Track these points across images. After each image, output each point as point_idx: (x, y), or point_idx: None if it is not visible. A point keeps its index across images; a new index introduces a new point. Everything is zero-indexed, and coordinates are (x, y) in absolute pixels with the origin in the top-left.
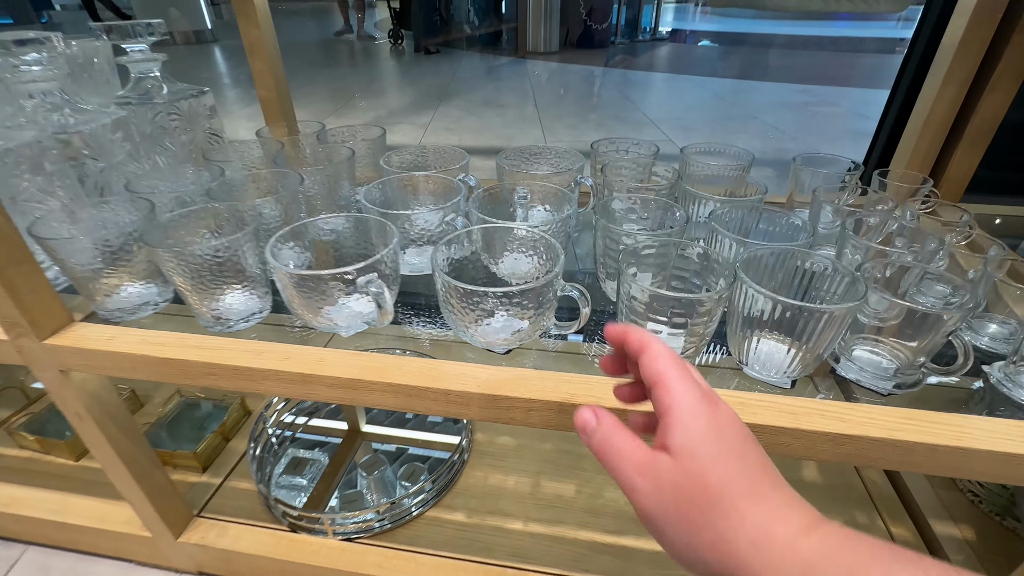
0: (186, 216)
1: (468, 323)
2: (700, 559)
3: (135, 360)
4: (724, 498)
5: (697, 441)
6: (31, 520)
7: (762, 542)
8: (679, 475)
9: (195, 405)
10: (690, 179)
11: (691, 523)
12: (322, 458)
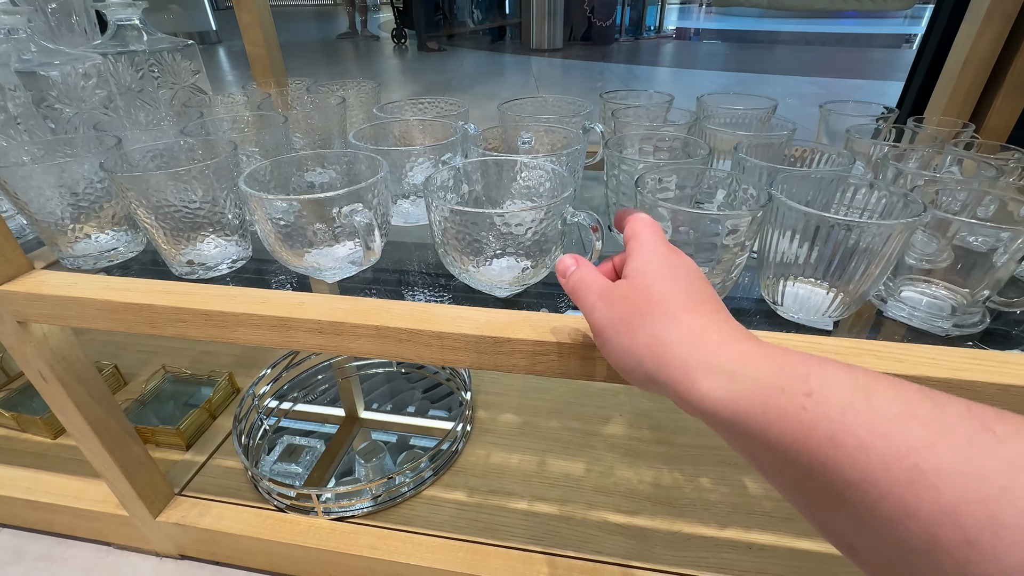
0: (154, 151)
1: (468, 261)
2: (637, 360)
3: (98, 307)
4: (663, 306)
5: (649, 265)
6: (3, 499)
7: (694, 341)
8: (628, 290)
9: (181, 382)
10: (709, 122)
11: (631, 327)
12: (318, 445)
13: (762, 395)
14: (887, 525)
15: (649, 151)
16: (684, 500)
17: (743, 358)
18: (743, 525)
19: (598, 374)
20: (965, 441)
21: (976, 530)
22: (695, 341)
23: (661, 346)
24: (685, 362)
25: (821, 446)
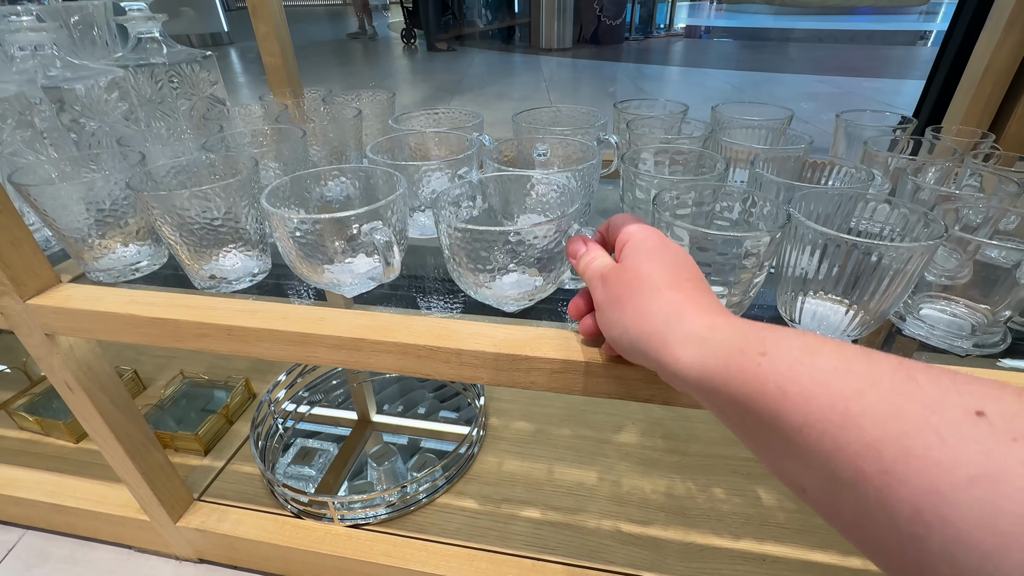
0: (178, 167)
1: (478, 277)
2: (624, 330)
3: (123, 321)
4: (649, 282)
5: (639, 249)
6: (29, 503)
7: (672, 312)
8: (621, 271)
9: (198, 387)
10: (724, 135)
11: (621, 301)
12: (331, 448)
13: (725, 356)
14: (824, 462)
15: (665, 164)
16: (697, 510)
17: (712, 328)
18: (757, 536)
19: (614, 392)
20: (889, 388)
21: (891, 460)
22: (673, 312)
23: (644, 317)
24: (663, 331)
25: (773, 395)
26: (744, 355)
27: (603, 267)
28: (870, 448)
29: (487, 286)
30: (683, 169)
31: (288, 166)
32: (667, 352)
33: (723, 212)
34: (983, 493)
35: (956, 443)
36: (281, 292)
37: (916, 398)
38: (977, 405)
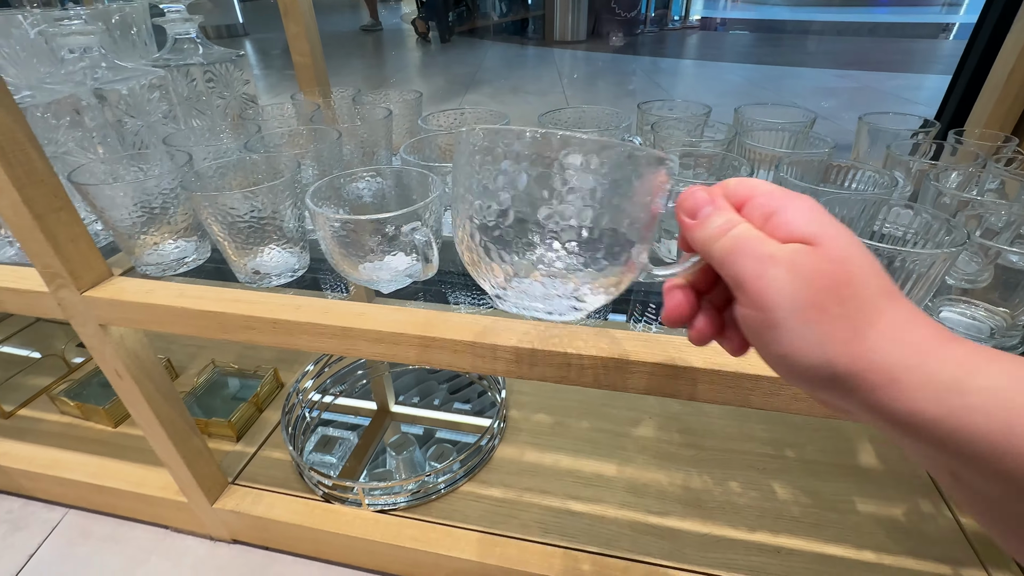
0: (223, 167)
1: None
2: (825, 358)
3: (173, 313)
4: (865, 289)
5: (829, 228)
6: (72, 483)
7: (900, 339)
8: (821, 261)
9: (229, 376)
10: (747, 137)
11: (827, 315)
12: (351, 437)
13: (1003, 412)
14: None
15: (690, 166)
16: (713, 503)
17: (964, 364)
18: (772, 529)
19: (645, 387)
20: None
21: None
22: (901, 339)
23: (862, 343)
24: (891, 366)
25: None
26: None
27: (775, 246)
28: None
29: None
30: (707, 172)
31: (324, 165)
32: (896, 395)
33: None
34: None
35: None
36: (317, 287)
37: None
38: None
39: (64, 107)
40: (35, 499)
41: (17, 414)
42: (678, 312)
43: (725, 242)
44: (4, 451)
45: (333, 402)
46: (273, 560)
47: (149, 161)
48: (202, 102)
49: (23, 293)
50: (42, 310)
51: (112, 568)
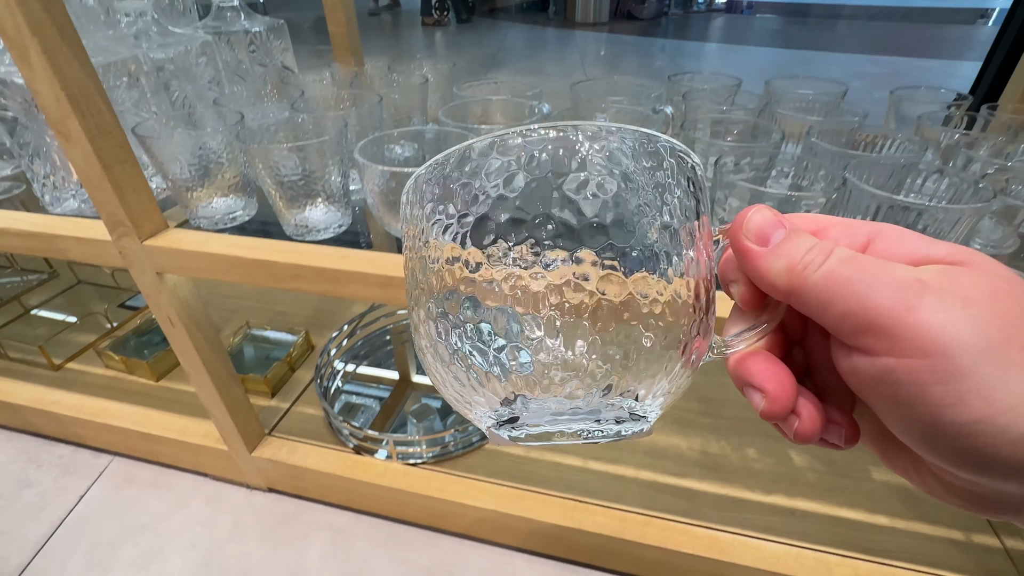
0: (275, 125)
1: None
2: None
3: (226, 261)
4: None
5: (961, 247)
6: (119, 430)
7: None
8: (996, 281)
9: (262, 338)
10: (779, 107)
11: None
12: (373, 406)
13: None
14: None
15: (720, 134)
16: (731, 467)
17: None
18: (787, 493)
19: None
20: None
21: None
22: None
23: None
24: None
25: None
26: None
27: (909, 273)
28: None
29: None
30: (738, 139)
31: (365, 127)
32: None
33: (778, 178)
34: None
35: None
36: (357, 245)
37: None
38: None
39: (121, 69)
40: (83, 446)
41: (65, 367)
42: (785, 391)
43: (831, 268)
44: (55, 400)
45: (356, 371)
46: (305, 508)
47: (200, 121)
48: (242, 69)
49: (87, 242)
50: (104, 258)
51: (156, 511)
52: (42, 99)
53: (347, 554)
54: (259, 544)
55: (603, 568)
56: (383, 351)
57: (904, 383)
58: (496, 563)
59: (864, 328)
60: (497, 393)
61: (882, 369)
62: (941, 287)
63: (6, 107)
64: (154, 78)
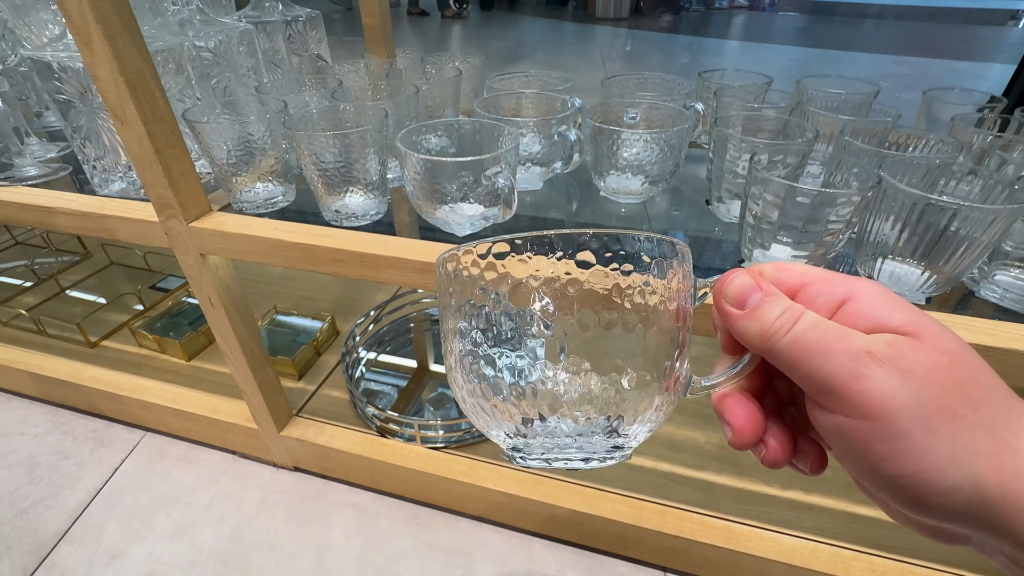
0: (319, 112)
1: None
2: (972, 477)
3: (268, 244)
4: (997, 392)
5: (921, 315)
6: (153, 406)
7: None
8: (937, 355)
9: (288, 323)
10: (811, 104)
11: (963, 422)
12: (392, 393)
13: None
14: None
15: (752, 131)
16: (749, 462)
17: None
18: (804, 488)
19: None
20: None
21: None
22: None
23: (1014, 457)
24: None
25: None
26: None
27: (863, 342)
28: None
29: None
30: (770, 137)
31: (402, 117)
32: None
33: (809, 176)
34: None
35: None
36: (392, 233)
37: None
38: None
39: (168, 56)
40: (116, 421)
41: (100, 345)
42: (751, 427)
43: (795, 337)
44: (91, 376)
45: (377, 358)
46: (330, 488)
47: (242, 108)
48: (278, 58)
49: (135, 222)
50: (150, 238)
51: (187, 484)
52: (101, 84)
53: (370, 532)
54: (286, 520)
55: (620, 555)
56: (404, 338)
57: (852, 438)
58: (514, 547)
59: (821, 390)
60: (519, 412)
61: (835, 424)
62: (887, 358)
63: (62, 91)
64: (199, 65)
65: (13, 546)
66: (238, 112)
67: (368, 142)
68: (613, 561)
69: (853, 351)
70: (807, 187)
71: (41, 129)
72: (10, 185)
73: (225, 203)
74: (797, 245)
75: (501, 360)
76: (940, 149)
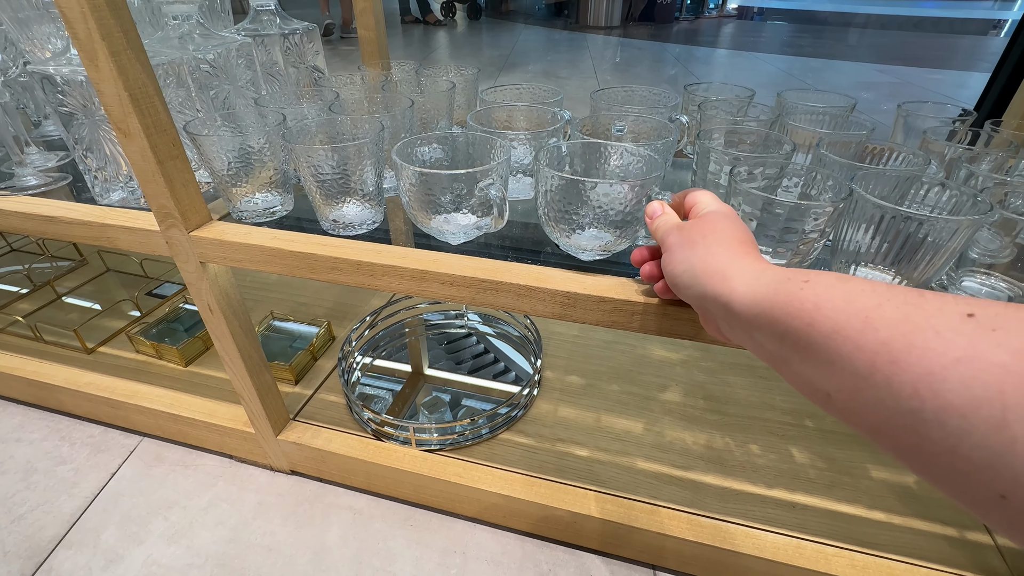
0: (317, 124)
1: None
2: (690, 267)
3: (268, 253)
4: (721, 234)
5: (716, 212)
6: (150, 411)
7: (735, 256)
8: (696, 222)
9: (285, 328)
10: (790, 118)
11: (694, 244)
12: (387, 396)
13: (775, 284)
14: (847, 361)
15: (734, 143)
16: (734, 462)
17: (766, 269)
18: (788, 487)
19: (681, 332)
20: (903, 302)
21: (898, 351)
22: (736, 256)
23: (711, 255)
24: (726, 268)
25: (809, 312)
26: (791, 282)
27: (678, 221)
28: (883, 345)
29: (567, 237)
30: (751, 149)
31: (396, 131)
32: (725, 284)
33: (788, 188)
34: (964, 368)
35: (949, 335)
36: (388, 241)
37: (922, 307)
38: (969, 310)
39: (169, 70)
40: (113, 426)
41: (98, 351)
42: (636, 255)
43: (657, 226)
44: (89, 381)
45: (372, 363)
46: (326, 491)
47: (241, 120)
48: (276, 70)
49: (136, 231)
50: (151, 247)
51: (185, 488)
52: (106, 98)
53: (366, 534)
54: (283, 523)
55: (611, 554)
56: (398, 343)
57: (664, 260)
58: (508, 546)
59: (661, 244)
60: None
61: (663, 258)
62: (679, 227)
63: (65, 103)
64: (198, 78)
65: (10, 551)
66: (237, 124)
67: (365, 154)
68: (604, 560)
69: (671, 226)
70: (781, 199)
71: (39, 138)
72: (12, 195)
73: (225, 212)
74: (775, 253)
75: None
76: (911, 162)
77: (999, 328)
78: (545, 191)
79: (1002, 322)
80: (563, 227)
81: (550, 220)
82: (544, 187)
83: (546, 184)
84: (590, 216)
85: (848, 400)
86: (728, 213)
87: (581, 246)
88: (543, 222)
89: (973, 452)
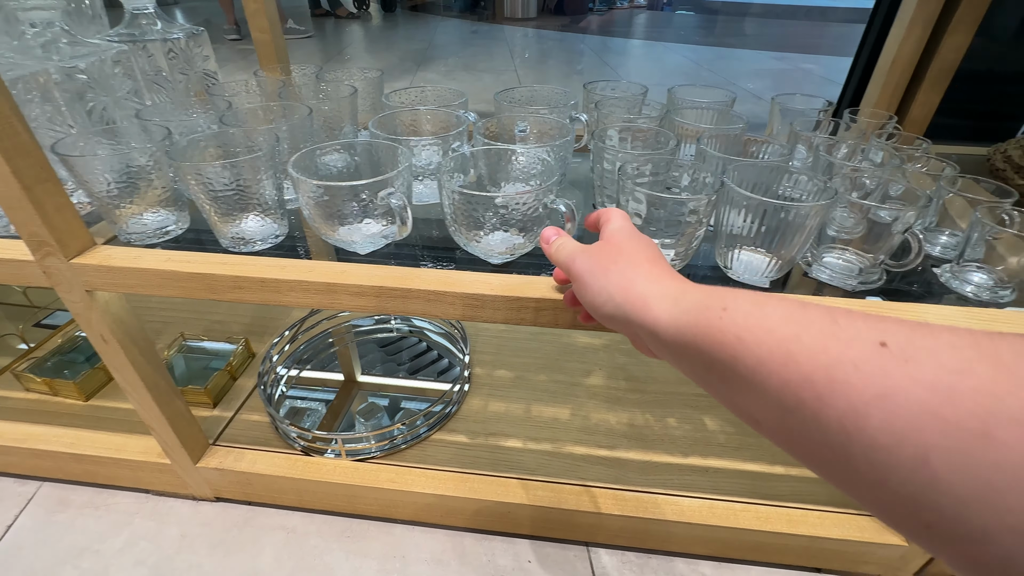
0: (205, 139)
1: (471, 234)
2: (608, 296)
3: (163, 276)
4: (630, 256)
5: (620, 231)
6: (47, 454)
7: (651, 279)
8: (605, 245)
9: (199, 348)
10: (677, 115)
11: (607, 270)
12: (320, 408)
13: (695, 311)
14: (774, 395)
15: (628, 140)
16: (654, 436)
17: (683, 291)
18: (702, 454)
19: (588, 324)
20: (819, 331)
21: (822, 387)
22: (652, 279)
23: (627, 283)
24: (644, 293)
25: (732, 344)
26: (710, 311)
27: (577, 247)
28: (807, 380)
29: (477, 240)
30: (643, 144)
31: (296, 138)
32: (648, 313)
33: (675, 181)
34: (886, 405)
35: (866, 369)
36: (296, 253)
37: (837, 336)
38: (881, 338)
39: (32, 83)
40: (5, 474)
41: None
42: (573, 299)
43: (554, 252)
44: None
45: (300, 375)
46: (256, 513)
47: (121, 135)
48: (162, 78)
49: (7, 262)
50: (26, 278)
51: (95, 531)
52: None
53: (302, 552)
54: (210, 553)
55: (546, 537)
56: (326, 354)
57: (576, 290)
58: (446, 544)
59: (566, 272)
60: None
61: (574, 286)
62: (584, 251)
63: None
64: (69, 91)
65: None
66: (118, 140)
67: (261, 167)
68: (540, 543)
69: (574, 251)
70: (660, 195)
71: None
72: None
73: (111, 235)
74: (664, 243)
75: None
76: (780, 152)
77: (910, 359)
78: (450, 203)
79: (912, 352)
80: (470, 233)
81: (458, 227)
82: (448, 200)
83: (449, 198)
84: (495, 221)
85: (777, 429)
86: (632, 232)
87: (490, 249)
88: (452, 231)
89: (900, 487)
